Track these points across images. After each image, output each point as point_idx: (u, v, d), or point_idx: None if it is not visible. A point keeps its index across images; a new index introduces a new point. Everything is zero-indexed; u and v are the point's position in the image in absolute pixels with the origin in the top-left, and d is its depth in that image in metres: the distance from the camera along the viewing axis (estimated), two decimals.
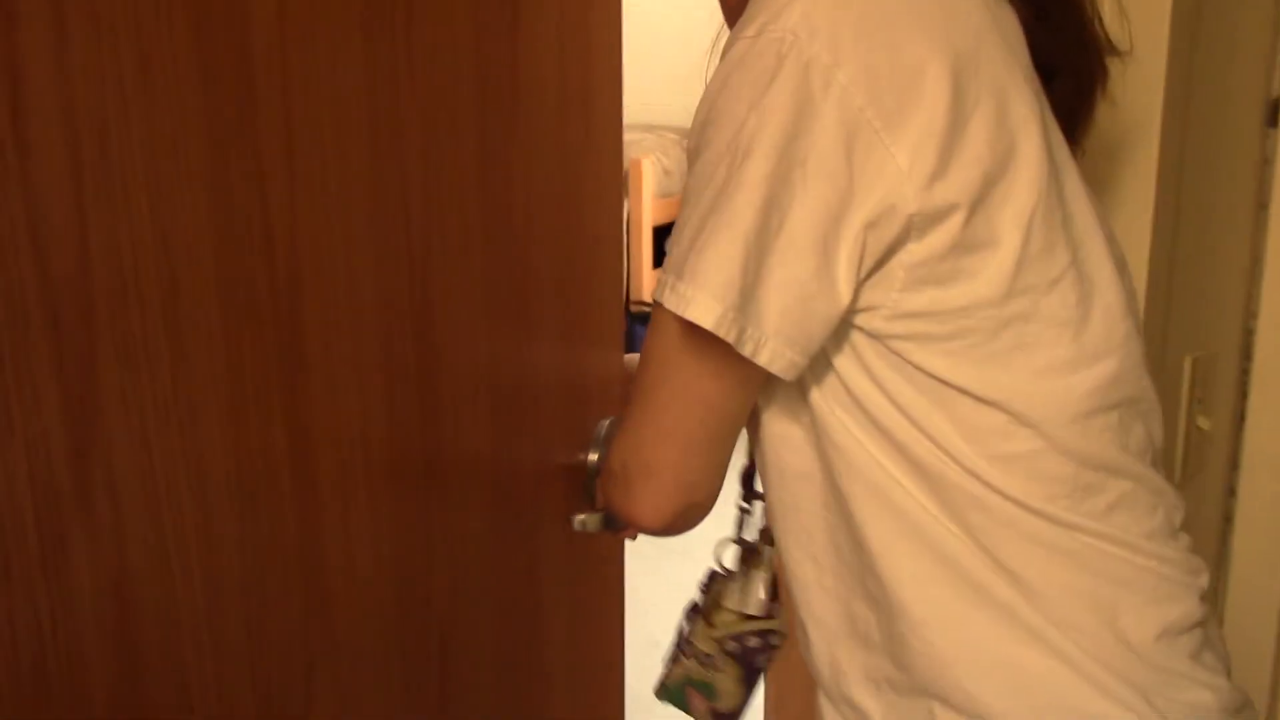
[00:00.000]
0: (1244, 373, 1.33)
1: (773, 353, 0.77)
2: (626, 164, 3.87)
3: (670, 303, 0.77)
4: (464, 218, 0.96)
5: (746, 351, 0.77)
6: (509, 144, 1.03)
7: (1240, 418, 1.34)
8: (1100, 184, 1.11)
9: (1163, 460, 0.90)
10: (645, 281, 3.93)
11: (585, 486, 1.27)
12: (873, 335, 0.81)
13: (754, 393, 0.85)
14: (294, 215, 0.75)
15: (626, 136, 4.11)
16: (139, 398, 0.64)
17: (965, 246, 0.78)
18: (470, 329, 0.99)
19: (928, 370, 0.81)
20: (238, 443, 0.72)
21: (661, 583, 3.10)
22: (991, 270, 0.79)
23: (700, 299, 0.75)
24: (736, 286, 0.75)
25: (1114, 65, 0.97)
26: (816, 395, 0.85)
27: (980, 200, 0.77)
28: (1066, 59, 0.90)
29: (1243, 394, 1.33)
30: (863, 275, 0.78)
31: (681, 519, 0.85)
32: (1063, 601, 0.82)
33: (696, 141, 0.79)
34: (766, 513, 0.96)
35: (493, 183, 1.01)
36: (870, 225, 0.75)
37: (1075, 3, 0.91)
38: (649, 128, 4.35)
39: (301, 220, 0.76)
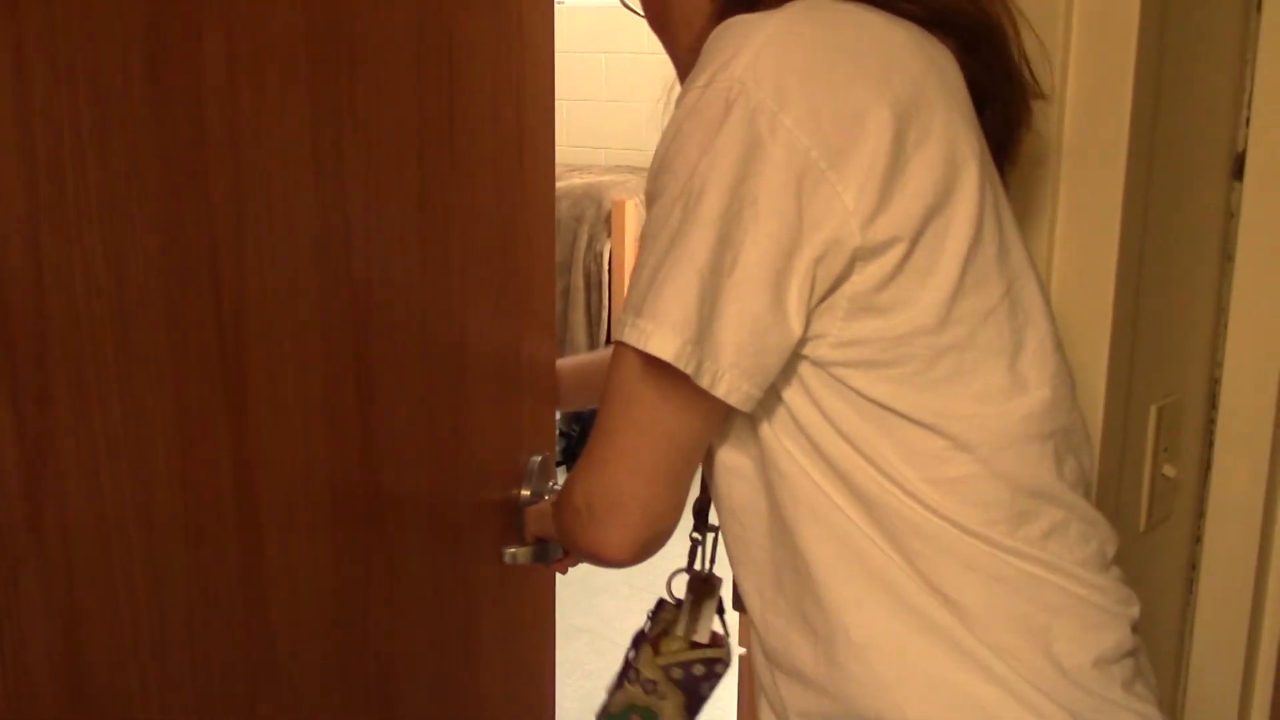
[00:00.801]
0: (1209, 421, 1.35)
1: (730, 385, 0.80)
2: (609, 205, 3.89)
3: (630, 338, 0.80)
4: (404, 255, 0.99)
5: (705, 383, 0.79)
6: (447, 181, 1.06)
7: (1206, 465, 1.36)
8: (1066, 233, 1.16)
9: (1127, 506, 0.91)
10: None
11: (516, 521, 1.30)
12: (818, 363, 0.84)
13: (715, 425, 0.87)
14: (240, 255, 0.77)
15: (610, 178, 4.14)
16: (90, 433, 0.66)
17: (905, 277, 0.82)
18: (408, 367, 1.01)
19: (870, 396, 0.84)
20: (184, 477, 0.74)
21: (589, 612, 3.13)
22: (929, 299, 0.82)
23: (660, 333, 0.78)
24: (694, 321, 0.78)
25: (1082, 119, 1.03)
26: (765, 426, 0.88)
27: (921, 233, 0.81)
28: (995, 90, 0.94)
29: (1208, 442, 1.36)
30: (811, 306, 0.81)
31: (646, 550, 0.88)
32: (998, 626, 0.84)
33: (652, 186, 0.83)
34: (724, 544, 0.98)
35: (432, 221, 1.04)
36: (819, 260, 0.79)
37: (999, 40, 0.96)
38: (632, 170, 4.39)
39: (248, 260, 0.78)
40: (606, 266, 3.84)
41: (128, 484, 0.69)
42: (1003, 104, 0.96)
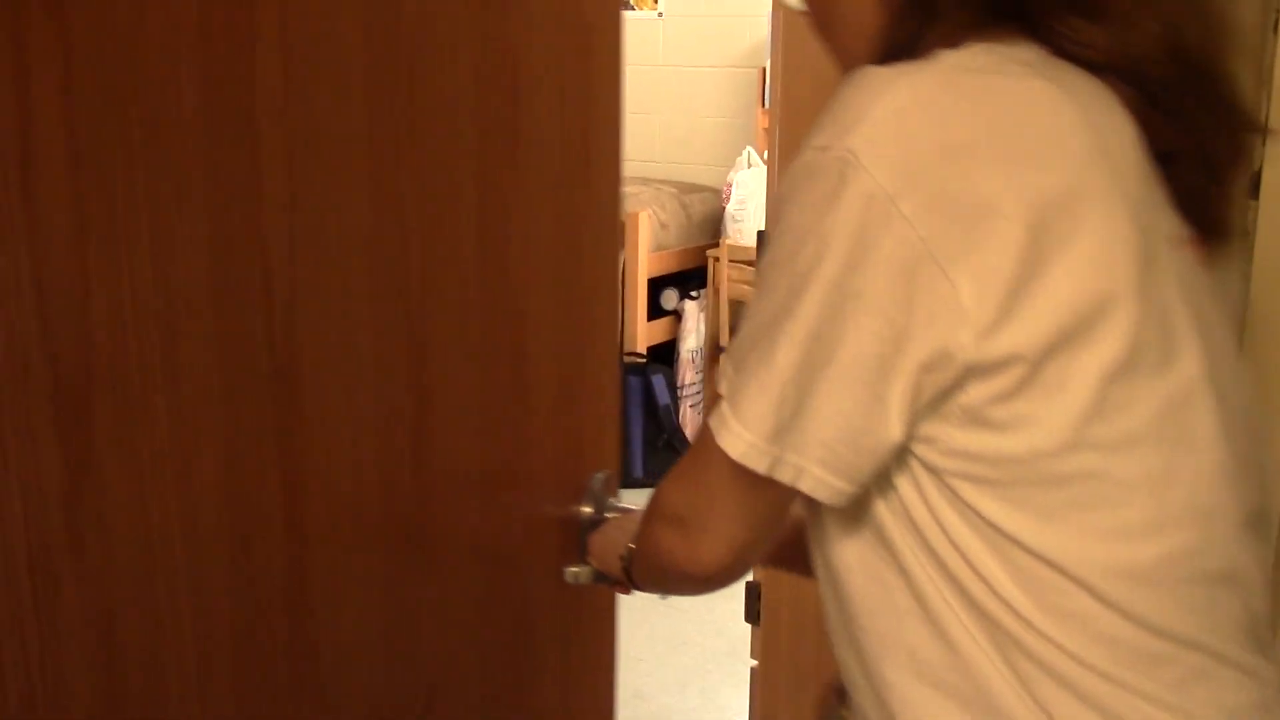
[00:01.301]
0: None
1: (816, 480, 0.76)
2: (623, 217, 3.89)
3: (714, 421, 0.78)
4: (462, 273, 0.98)
5: (784, 479, 0.77)
6: (509, 196, 1.06)
7: None
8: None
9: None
10: (639, 333, 3.95)
11: (578, 540, 1.28)
12: (929, 468, 0.78)
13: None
14: (293, 272, 0.77)
15: (624, 189, 4.13)
16: (134, 449, 0.66)
17: (1028, 394, 0.73)
18: (465, 384, 1.01)
19: (981, 512, 0.77)
20: (231, 493, 0.74)
21: (648, 636, 3.12)
22: (1055, 421, 0.73)
23: (733, 428, 0.77)
24: (773, 417, 0.75)
25: None
26: (882, 513, 0.82)
27: (1050, 352, 0.71)
28: (1189, 137, 0.81)
29: None
30: (919, 411, 0.75)
31: (728, 573, 0.86)
32: None
33: (770, 230, 0.78)
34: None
35: (491, 239, 1.03)
36: (926, 367, 0.72)
37: (1197, 86, 0.81)
38: (645, 181, 4.39)
39: (301, 277, 0.78)
40: (621, 277, 3.84)
41: (173, 501, 0.69)
42: (1199, 149, 0.82)
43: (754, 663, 1.19)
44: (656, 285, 3.99)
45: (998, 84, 0.74)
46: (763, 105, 4.20)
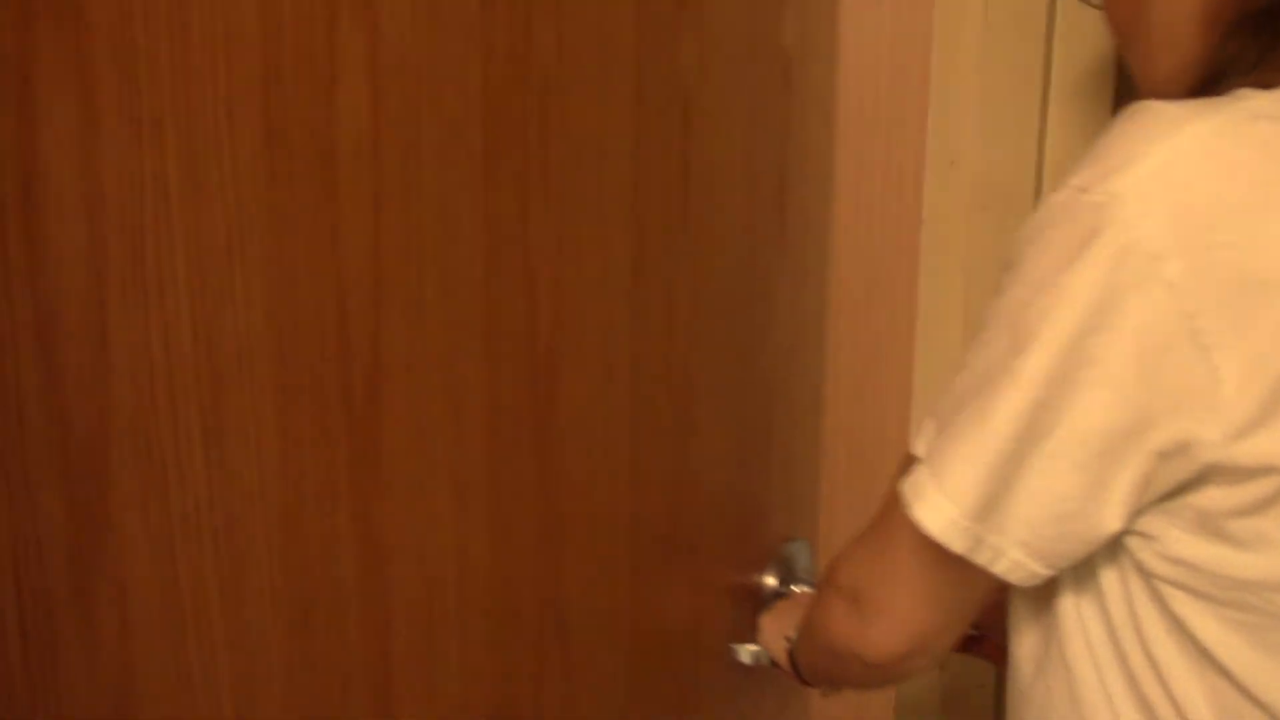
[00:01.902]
0: None
1: (1012, 563, 0.68)
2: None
3: (909, 488, 0.70)
4: (606, 311, 0.90)
5: (981, 561, 0.68)
6: (675, 245, 0.97)
7: None
8: None
9: None
10: None
11: (756, 615, 1.17)
12: (1141, 568, 0.68)
13: (996, 582, 0.74)
14: (377, 324, 0.72)
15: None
16: (162, 504, 0.61)
17: (1277, 512, 0.63)
18: (608, 439, 0.93)
19: (1193, 630, 0.67)
20: (291, 559, 0.68)
21: None
22: None
23: (933, 499, 0.68)
24: (979, 492, 0.66)
25: None
26: (1071, 604, 0.74)
27: None
28: None
29: None
30: (1144, 503, 0.65)
31: (908, 662, 0.77)
32: None
33: (1002, 276, 0.69)
34: None
35: (648, 275, 0.95)
36: (1164, 455, 0.63)
37: None
38: None
39: (387, 329, 0.72)
40: None
41: (210, 564, 0.64)
42: None
43: None
44: None
45: None
46: None
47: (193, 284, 0.61)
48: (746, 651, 1.13)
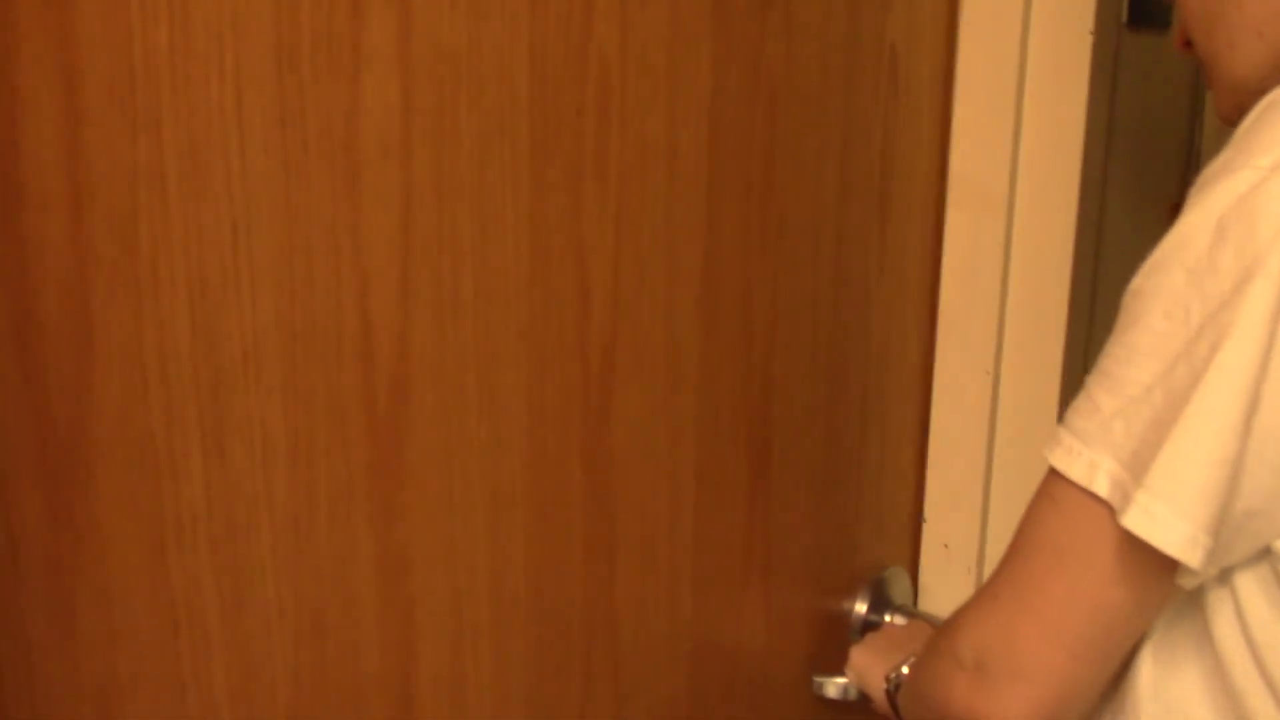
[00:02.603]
0: None
1: (1205, 573, 0.64)
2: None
3: (1138, 523, 0.62)
4: (672, 316, 0.85)
5: (1204, 573, 0.63)
6: (754, 248, 0.92)
7: None
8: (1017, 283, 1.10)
9: None
10: None
11: (847, 645, 1.11)
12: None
13: (1163, 604, 0.69)
14: (405, 327, 0.68)
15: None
16: (154, 509, 0.59)
17: None
18: (672, 452, 0.88)
19: None
20: (298, 565, 0.66)
21: None
22: None
23: (1178, 526, 0.61)
24: (1222, 513, 0.61)
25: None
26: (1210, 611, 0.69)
27: None
28: None
29: None
30: None
31: None
32: None
33: (1151, 281, 0.64)
34: None
35: (722, 279, 0.89)
36: None
37: None
38: None
39: (416, 332, 0.69)
40: None
41: (208, 573, 0.62)
42: None
43: None
44: None
45: None
46: None
47: (191, 281, 0.59)
48: (833, 685, 1.07)
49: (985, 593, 0.72)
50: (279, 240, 0.62)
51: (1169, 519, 0.61)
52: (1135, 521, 0.61)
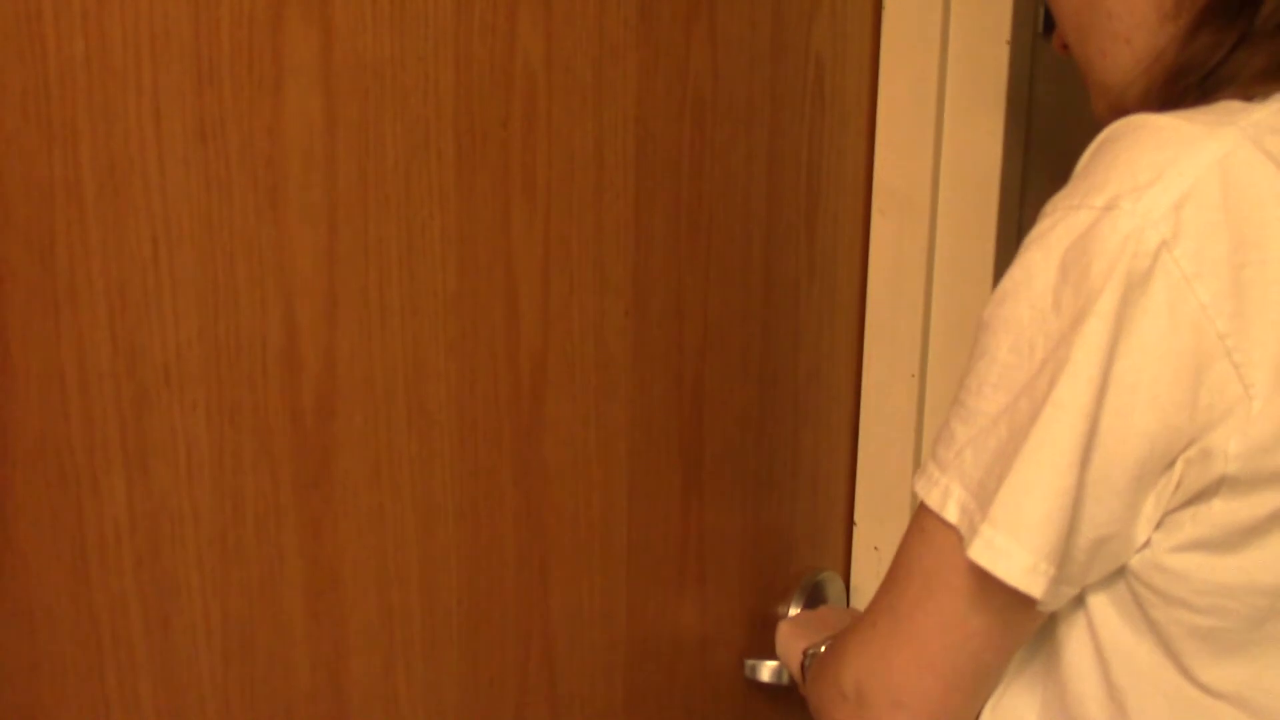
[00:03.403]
0: None
1: (1062, 597, 0.66)
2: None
3: (982, 555, 0.63)
4: (602, 325, 0.86)
5: (1051, 604, 0.66)
6: (683, 254, 0.92)
7: None
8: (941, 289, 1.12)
9: None
10: None
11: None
12: (1126, 571, 0.66)
13: (1031, 632, 0.71)
14: (331, 336, 0.68)
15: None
16: (75, 528, 0.58)
17: (1266, 523, 0.62)
18: (604, 462, 0.88)
19: (1164, 633, 0.65)
20: (225, 581, 0.65)
21: None
22: None
23: (1024, 559, 0.62)
24: (1053, 533, 0.62)
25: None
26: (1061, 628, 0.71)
27: None
28: None
29: None
30: (1165, 513, 0.64)
31: None
32: None
33: (1000, 312, 0.65)
34: None
35: (651, 288, 0.90)
36: (1189, 465, 0.62)
37: None
38: None
39: (341, 341, 0.69)
40: None
41: (133, 592, 0.61)
42: None
43: None
44: None
45: None
46: None
47: (111, 296, 0.58)
48: (766, 669, 1.07)
49: (865, 620, 0.73)
50: (201, 254, 0.61)
51: (1010, 550, 0.62)
52: (978, 553, 0.63)
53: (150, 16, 0.58)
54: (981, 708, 0.73)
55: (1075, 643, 0.68)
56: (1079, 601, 0.68)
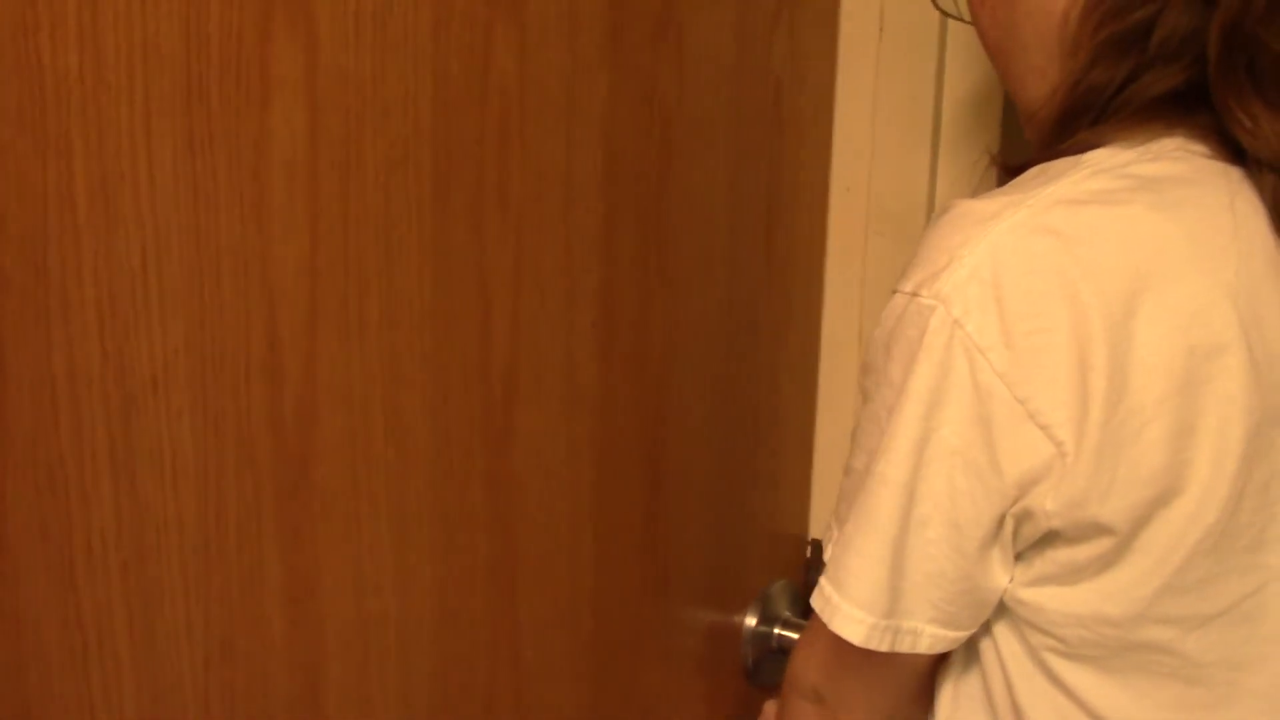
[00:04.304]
0: None
1: (933, 639, 0.70)
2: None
3: (817, 603, 0.72)
4: (571, 339, 0.87)
5: (906, 648, 0.70)
6: (648, 271, 0.94)
7: None
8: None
9: None
10: None
11: (740, 655, 1.14)
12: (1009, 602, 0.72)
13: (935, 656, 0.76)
14: (312, 341, 0.69)
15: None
16: (63, 534, 0.59)
17: (1103, 561, 0.67)
18: (571, 473, 0.90)
19: (1043, 658, 0.71)
20: (207, 588, 0.66)
21: None
22: (1124, 591, 0.67)
23: (845, 610, 0.70)
24: (880, 592, 0.69)
25: None
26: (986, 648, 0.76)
27: (1141, 523, 0.65)
28: None
29: None
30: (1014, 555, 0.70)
31: None
32: None
33: (865, 382, 0.73)
34: None
35: (618, 303, 0.92)
36: (1019, 520, 0.67)
37: None
38: None
39: (322, 346, 0.70)
40: None
41: (119, 598, 0.62)
42: None
43: None
44: None
45: (1109, 218, 0.65)
46: None
47: (102, 306, 0.59)
48: None
49: (806, 634, 0.81)
50: (189, 265, 0.63)
51: (835, 600, 0.70)
52: (814, 600, 0.71)
53: (143, 30, 0.59)
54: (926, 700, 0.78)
55: (989, 665, 0.73)
56: (987, 629, 0.72)
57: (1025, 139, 0.80)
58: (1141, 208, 0.66)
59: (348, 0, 0.68)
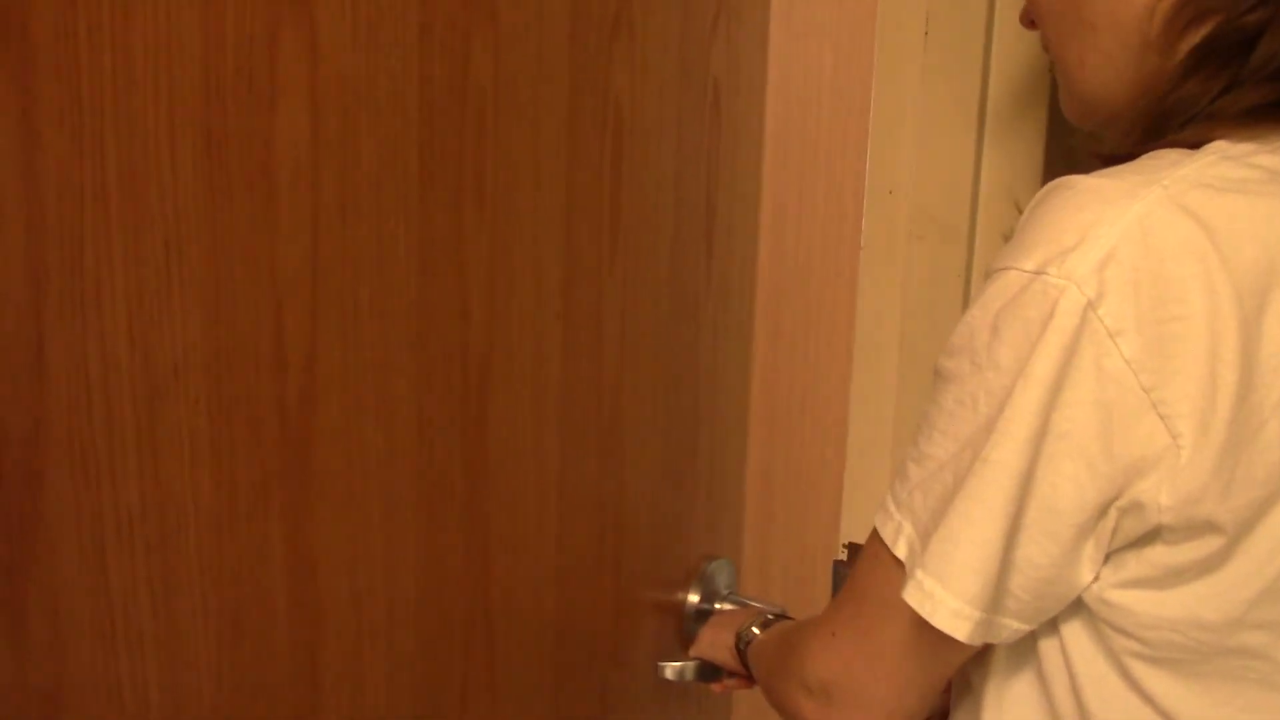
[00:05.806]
0: None
1: (1010, 633, 0.69)
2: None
3: (913, 597, 0.68)
4: (538, 330, 0.92)
5: (993, 639, 0.69)
6: (603, 266, 0.99)
7: None
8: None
9: None
10: None
11: (682, 630, 1.19)
12: (1090, 603, 0.71)
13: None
14: (313, 337, 0.72)
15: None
16: (95, 514, 0.62)
17: (1205, 564, 0.66)
18: (538, 455, 0.94)
19: (1123, 662, 0.70)
20: (220, 566, 0.69)
21: None
22: (1223, 595, 0.66)
23: (952, 605, 0.67)
24: (987, 587, 0.66)
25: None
26: (1045, 648, 0.75)
27: (1249, 526, 0.64)
28: None
29: None
30: (1109, 551, 0.68)
31: None
32: None
33: (949, 364, 0.70)
34: None
35: (580, 306, 0.96)
36: (1123, 513, 0.66)
37: None
38: None
39: (323, 342, 0.73)
40: None
41: (143, 575, 0.64)
42: None
43: None
44: None
45: (1251, 206, 0.63)
46: None
47: (130, 295, 0.62)
48: (670, 668, 1.15)
49: (825, 628, 0.78)
50: (206, 258, 0.65)
51: (937, 594, 0.67)
52: (910, 594, 0.68)
53: (168, 30, 0.61)
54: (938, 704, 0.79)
55: (1052, 666, 0.72)
56: (1054, 629, 0.71)
57: (1065, 113, 0.78)
58: (1278, 201, 0.63)
59: (345, 6, 0.72)
